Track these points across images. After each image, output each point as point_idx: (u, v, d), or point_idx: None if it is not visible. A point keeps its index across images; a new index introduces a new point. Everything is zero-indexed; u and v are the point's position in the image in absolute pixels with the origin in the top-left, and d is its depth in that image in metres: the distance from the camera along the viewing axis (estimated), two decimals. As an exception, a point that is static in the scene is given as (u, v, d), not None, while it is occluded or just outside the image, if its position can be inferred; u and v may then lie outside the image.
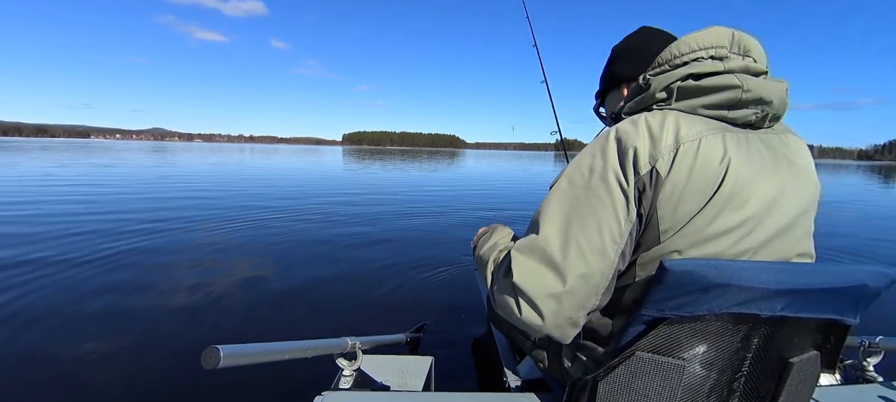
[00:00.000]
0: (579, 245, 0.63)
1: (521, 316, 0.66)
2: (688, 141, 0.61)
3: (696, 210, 0.61)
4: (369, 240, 4.47)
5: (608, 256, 0.63)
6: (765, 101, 0.64)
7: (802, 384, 0.69)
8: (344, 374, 1.04)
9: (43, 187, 8.03)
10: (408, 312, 2.58)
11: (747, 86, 0.63)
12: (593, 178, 0.65)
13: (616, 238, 0.63)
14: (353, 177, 14.03)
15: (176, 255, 3.69)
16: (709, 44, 0.68)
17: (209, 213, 5.78)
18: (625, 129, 0.65)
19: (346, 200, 7.68)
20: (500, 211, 7.22)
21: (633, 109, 0.74)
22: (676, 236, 0.62)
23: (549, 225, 0.66)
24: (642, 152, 0.61)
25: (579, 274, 0.63)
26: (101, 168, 13.70)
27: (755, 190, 0.62)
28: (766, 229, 0.63)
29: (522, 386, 1.10)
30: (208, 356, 0.66)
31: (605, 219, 0.63)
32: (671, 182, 0.60)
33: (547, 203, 0.69)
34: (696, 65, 0.67)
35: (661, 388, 0.61)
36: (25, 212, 5.43)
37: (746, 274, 0.56)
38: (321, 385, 0.97)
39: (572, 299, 0.64)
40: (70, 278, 2.94)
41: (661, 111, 0.67)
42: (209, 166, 16.97)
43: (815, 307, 0.62)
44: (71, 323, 2.27)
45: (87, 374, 1.80)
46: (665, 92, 0.69)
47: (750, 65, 0.67)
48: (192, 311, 2.50)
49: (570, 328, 0.67)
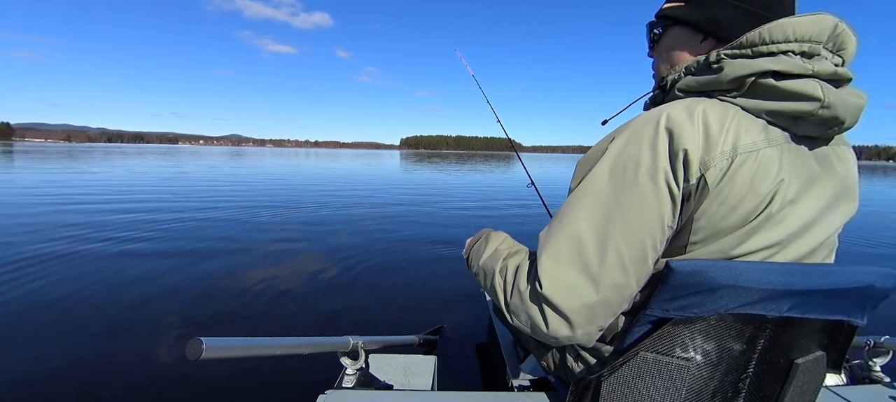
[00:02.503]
0: (619, 252, 0.57)
1: (548, 328, 0.61)
2: (744, 152, 0.55)
3: (734, 228, 0.57)
4: (385, 239, 4.53)
5: (647, 265, 0.59)
6: (839, 120, 0.57)
7: (808, 385, 0.68)
8: (347, 373, 1.04)
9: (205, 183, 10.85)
10: (409, 312, 2.59)
11: (828, 100, 0.55)
12: (640, 174, 0.57)
13: (657, 246, 0.58)
14: (411, 177, 15.41)
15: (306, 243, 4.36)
16: (807, 35, 0.57)
17: (286, 207, 6.77)
18: (679, 121, 0.56)
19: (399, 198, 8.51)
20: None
21: (692, 89, 0.64)
22: (704, 248, 0.59)
23: (585, 225, 0.59)
24: (694, 156, 0.55)
25: (615, 283, 0.58)
26: (210, 169, 17.21)
27: (796, 211, 0.58)
28: (797, 250, 0.60)
29: (526, 386, 1.10)
30: (192, 347, 0.66)
31: (648, 224, 0.57)
32: (717, 195, 0.55)
33: (582, 197, 0.61)
34: (782, 59, 0.57)
35: (665, 388, 0.61)
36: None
37: (753, 275, 0.55)
38: (326, 384, 0.98)
39: (606, 309, 0.60)
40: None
41: (722, 104, 0.59)
42: (289, 169, 19.58)
43: (823, 309, 0.61)
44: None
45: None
46: (736, 83, 0.59)
47: (838, 70, 0.58)
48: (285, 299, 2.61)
49: (597, 333, 0.64)
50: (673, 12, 0.73)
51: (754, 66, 0.57)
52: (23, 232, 4.40)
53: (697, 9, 0.69)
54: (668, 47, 0.74)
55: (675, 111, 0.58)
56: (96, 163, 19.87)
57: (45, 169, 14.49)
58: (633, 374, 0.62)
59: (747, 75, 0.58)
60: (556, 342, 0.63)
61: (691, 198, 0.57)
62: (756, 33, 0.58)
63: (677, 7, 0.72)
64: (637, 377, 0.61)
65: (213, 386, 1.72)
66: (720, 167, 0.55)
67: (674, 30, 0.73)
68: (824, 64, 0.57)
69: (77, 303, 2.56)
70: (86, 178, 11.42)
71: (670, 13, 0.73)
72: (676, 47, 0.73)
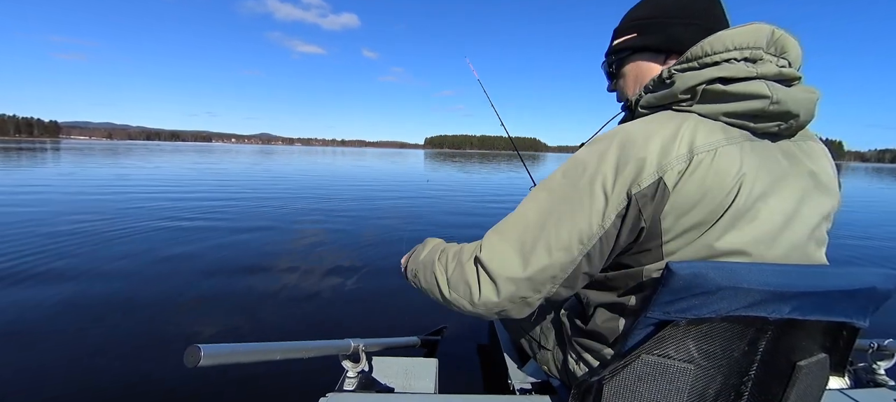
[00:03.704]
0: (548, 240, 0.64)
1: (481, 293, 0.67)
2: (702, 152, 0.59)
3: (705, 224, 0.59)
4: (387, 239, 4.55)
5: (571, 253, 0.64)
6: (792, 114, 0.61)
7: (811, 388, 0.68)
8: (348, 376, 1.04)
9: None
10: (410, 313, 2.59)
11: (776, 97, 0.59)
12: (582, 179, 0.64)
13: (583, 240, 0.63)
14: (435, 175, 16.57)
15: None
16: (745, 43, 0.63)
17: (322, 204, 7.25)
18: (632, 137, 0.62)
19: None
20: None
21: (651, 104, 0.70)
22: (684, 248, 0.61)
23: (532, 214, 0.67)
24: (649, 163, 0.59)
25: (541, 265, 0.64)
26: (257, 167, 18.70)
27: (770, 206, 0.60)
28: (781, 246, 0.61)
29: (527, 389, 1.10)
30: (190, 354, 0.66)
31: (578, 219, 0.63)
32: (679, 194, 0.58)
33: (539, 190, 0.69)
34: (726, 67, 0.62)
35: (667, 391, 0.61)
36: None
37: (755, 277, 0.55)
38: (327, 387, 0.97)
39: (528, 284, 0.66)
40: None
41: (678, 115, 0.64)
42: (323, 166, 21.34)
43: (825, 310, 0.61)
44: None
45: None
46: (688, 93, 0.64)
47: (783, 70, 0.63)
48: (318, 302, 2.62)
49: (524, 307, 0.69)
50: (629, 44, 0.79)
51: (702, 75, 0.63)
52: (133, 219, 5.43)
53: (654, 34, 0.76)
54: (634, 73, 0.80)
55: (631, 129, 0.63)
56: (151, 160, 22.42)
57: (117, 164, 17.21)
58: (634, 377, 0.61)
59: (697, 84, 0.63)
60: (485, 310, 0.69)
61: (649, 200, 0.59)
62: (699, 47, 0.65)
63: (631, 39, 0.79)
64: (639, 379, 0.61)
65: (213, 390, 1.72)
66: (678, 169, 0.58)
67: (634, 58, 0.80)
68: (768, 66, 0.62)
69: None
70: (157, 172, 13.55)
71: (627, 45, 0.80)
72: (642, 70, 0.78)
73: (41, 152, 27.09)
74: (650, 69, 0.77)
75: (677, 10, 0.74)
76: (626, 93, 0.82)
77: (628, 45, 0.79)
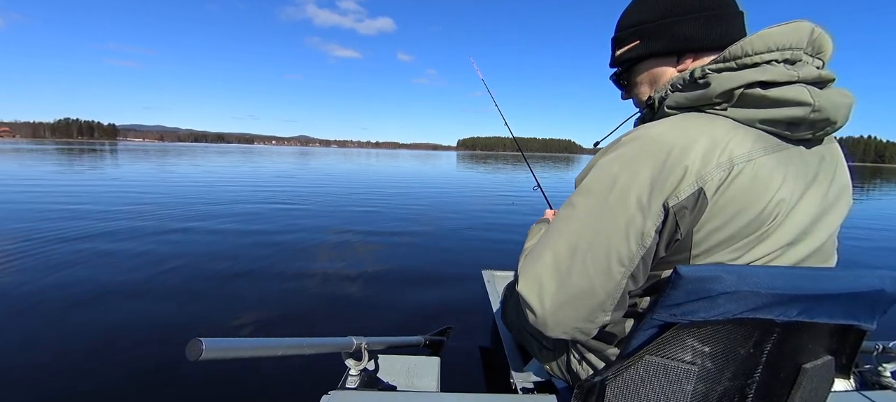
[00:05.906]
0: (585, 263, 0.60)
1: (527, 323, 0.67)
2: (741, 162, 0.56)
3: (738, 237, 0.57)
4: (391, 240, 4.56)
5: (613, 278, 0.60)
6: (831, 122, 0.58)
7: (816, 390, 0.68)
8: (351, 373, 1.04)
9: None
10: (413, 312, 2.59)
11: (818, 104, 0.56)
12: (613, 194, 0.59)
13: (624, 261, 0.59)
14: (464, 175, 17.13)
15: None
16: (787, 44, 0.58)
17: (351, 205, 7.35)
18: (669, 140, 0.57)
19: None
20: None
21: (682, 105, 0.65)
22: (708, 257, 0.59)
23: (560, 238, 0.64)
24: (690, 172, 0.55)
25: (581, 290, 0.61)
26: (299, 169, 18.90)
27: (797, 214, 0.59)
28: (802, 251, 0.60)
29: (530, 388, 1.09)
30: (191, 347, 0.65)
31: (614, 241, 0.59)
32: (717, 206, 0.56)
33: (565, 208, 0.66)
34: (767, 69, 0.58)
35: (670, 392, 0.60)
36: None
37: (762, 280, 0.54)
38: (330, 385, 0.97)
39: (575, 312, 0.62)
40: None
41: (711, 118, 0.60)
42: (360, 167, 21.54)
43: (832, 313, 0.60)
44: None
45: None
46: (724, 96, 0.60)
47: (822, 73, 0.59)
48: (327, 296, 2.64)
49: (578, 335, 0.65)
50: (634, 53, 0.74)
51: (741, 77, 0.58)
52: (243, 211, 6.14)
53: (657, 39, 0.71)
54: (648, 79, 0.75)
55: (664, 131, 0.59)
56: (211, 159, 24.42)
57: (192, 164, 18.50)
58: (637, 378, 0.61)
59: (735, 88, 0.59)
60: (551, 334, 0.66)
61: (687, 211, 0.56)
62: (738, 46, 0.60)
63: (634, 47, 0.74)
64: (642, 380, 0.61)
65: (214, 386, 1.73)
66: (718, 178, 0.55)
67: (643, 65, 0.75)
68: (808, 69, 0.58)
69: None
70: (234, 171, 14.98)
71: (631, 55, 0.75)
72: (656, 75, 0.74)
73: (112, 154, 28.42)
74: (664, 72, 0.72)
75: (671, 6, 0.69)
76: (640, 94, 0.78)
77: (633, 54, 0.75)
